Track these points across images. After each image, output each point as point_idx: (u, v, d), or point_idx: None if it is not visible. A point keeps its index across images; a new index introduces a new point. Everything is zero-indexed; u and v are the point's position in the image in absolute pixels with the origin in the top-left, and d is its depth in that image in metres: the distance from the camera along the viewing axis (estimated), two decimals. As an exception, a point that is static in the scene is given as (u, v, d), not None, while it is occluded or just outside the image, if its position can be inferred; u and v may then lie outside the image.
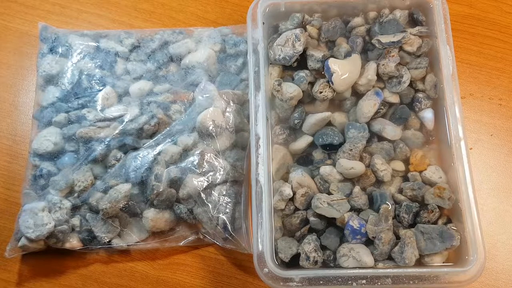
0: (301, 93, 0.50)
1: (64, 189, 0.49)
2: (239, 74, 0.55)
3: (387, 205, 0.46)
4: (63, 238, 0.48)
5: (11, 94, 0.57)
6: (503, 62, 0.58)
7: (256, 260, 0.44)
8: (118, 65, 0.54)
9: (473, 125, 0.56)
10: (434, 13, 0.51)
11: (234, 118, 0.51)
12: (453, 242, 0.45)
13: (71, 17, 0.59)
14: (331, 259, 0.46)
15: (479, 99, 0.57)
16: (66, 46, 0.54)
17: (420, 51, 0.52)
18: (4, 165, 0.54)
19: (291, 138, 0.51)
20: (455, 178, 0.47)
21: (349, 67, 0.49)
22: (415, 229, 0.46)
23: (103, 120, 0.51)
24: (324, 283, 0.44)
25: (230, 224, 0.49)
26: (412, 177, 0.49)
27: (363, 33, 0.52)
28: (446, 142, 0.49)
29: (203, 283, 0.50)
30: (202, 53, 0.54)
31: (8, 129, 0.55)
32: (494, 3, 0.60)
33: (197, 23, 0.59)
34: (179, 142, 0.50)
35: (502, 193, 0.54)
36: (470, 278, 0.44)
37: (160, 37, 0.55)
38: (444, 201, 0.46)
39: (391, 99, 0.51)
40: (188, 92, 0.53)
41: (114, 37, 0.55)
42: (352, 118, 0.51)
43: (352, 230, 0.45)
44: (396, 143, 0.50)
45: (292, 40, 0.50)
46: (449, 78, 0.49)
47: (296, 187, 0.48)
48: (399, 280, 0.44)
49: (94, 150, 0.49)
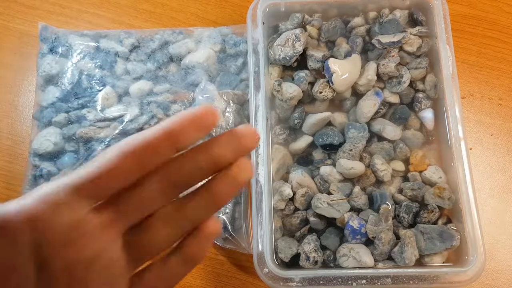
0: (301, 93, 0.50)
1: (64, 189, 0.49)
2: (239, 74, 0.55)
3: (387, 205, 0.46)
4: (63, 238, 0.48)
5: (11, 94, 0.57)
6: (503, 62, 0.58)
7: (256, 260, 0.44)
8: (118, 65, 0.54)
9: (473, 125, 0.56)
10: (434, 13, 0.51)
11: (234, 118, 0.51)
12: (453, 242, 0.45)
13: (71, 17, 0.59)
14: (331, 259, 0.46)
15: (479, 99, 0.57)
16: (66, 46, 0.54)
17: (420, 51, 0.52)
18: (4, 165, 0.54)
19: (291, 138, 0.51)
20: (455, 178, 0.47)
21: (349, 67, 0.49)
22: (415, 229, 0.46)
23: (103, 120, 0.51)
24: (324, 283, 0.44)
25: (230, 224, 0.49)
26: (412, 177, 0.49)
27: (363, 33, 0.52)
28: (446, 142, 0.49)
29: (203, 283, 0.50)
30: (202, 53, 0.54)
31: (8, 129, 0.55)
32: (494, 3, 0.60)
33: (197, 23, 0.59)
34: (179, 142, 0.50)
35: (502, 193, 0.54)
36: (470, 278, 0.44)
37: (160, 37, 0.55)
38: (444, 201, 0.46)
39: (391, 99, 0.51)
40: (188, 92, 0.53)
41: (114, 37, 0.55)
42: (352, 118, 0.51)
43: (352, 230, 0.45)
44: (396, 143, 0.50)
45: (292, 40, 0.50)
46: (449, 78, 0.49)
47: (296, 187, 0.48)
48: (399, 280, 0.44)
49: (94, 150, 0.49)
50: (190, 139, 0.29)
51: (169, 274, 0.31)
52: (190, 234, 0.31)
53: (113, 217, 0.29)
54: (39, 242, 0.27)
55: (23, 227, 0.27)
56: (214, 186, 0.30)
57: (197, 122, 0.28)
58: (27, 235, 0.27)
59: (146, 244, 0.30)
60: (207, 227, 0.31)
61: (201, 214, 0.31)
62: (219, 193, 0.30)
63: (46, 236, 0.27)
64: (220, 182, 0.30)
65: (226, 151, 0.29)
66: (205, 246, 0.31)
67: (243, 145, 0.30)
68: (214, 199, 0.30)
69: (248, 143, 0.30)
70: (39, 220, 0.27)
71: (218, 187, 0.30)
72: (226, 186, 0.30)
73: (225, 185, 0.30)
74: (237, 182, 0.30)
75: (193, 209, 0.30)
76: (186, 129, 0.28)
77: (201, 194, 0.30)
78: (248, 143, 0.30)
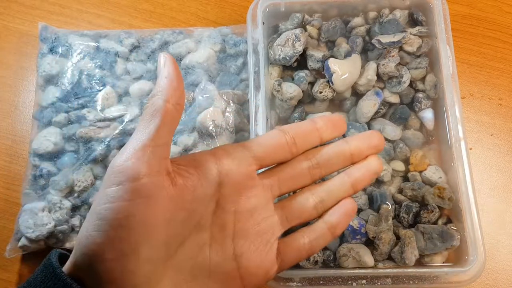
0: (301, 93, 0.50)
1: (64, 189, 0.49)
2: (239, 74, 0.55)
3: (387, 205, 0.46)
4: (63, 238, 0.48)
5: (11, 94, 0.57)
6: (503, 62, 0.58)
7: (256, 260, 0.44)
8: (118, 65, 0.54)
9: (473, 125, 0.56)
10: (434, 13, 0.51)
11: (234, 118, 0.51)
12: (453, 242, 0.45)
13: (71, 17, 0.59)
14: (331, 259, 0.46)
15: (479, 99, 0.57)
16: (66, 46, 0.54)
17: (420, 51, 0.52)
18: (4, 165, 0.54)
19: (291, 138, 0.51)
20: (455, 178, 0.47)
21: (349, 67, 0.49)
22: (415, 229, 0.46)
23: (103, 120, 0.51)
24: (324, 283, 0.44)
25: (230, 224, 0.49)
26: (412, 177, 0.49)
27: (363, 33, 0.52)
28: (446, 142, 0.49)
29: (203, 283, 0.50)
30: (202, 53, 0.54)
31: (8, 129, 0.55)
32: (494, 3, 0.60)
33: (197, 23, 0.59)
34: (179, 142, 0.50)
35: (502, 193, 0.54)
36: (470, 278, 0.44)
37: (160, 37, 0.55)
38: (444, 201, 0.46)
39: (391, 99, 0.51)
40: (188, 92, 0.53)
41: (114, 37, 0.55)
42: (352, 118, 0.51)
43: (352, 230, 0.45)
44: (396, 143, 0.50)
45: (292, 40, 0.50)
46: (449, 78, 0.49)
47: (296, 187, 0.48)
48: (399, 280, 0.44)
49: (94, 150, 0.49)
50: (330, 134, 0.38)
51: (315, 236, 0.37)
52: (332, 208, 0.37)
53: (272, 183, 0.36)
54: (221, 181, 0.34)
55: (212, 166, 0.34)
56: (353, 172, 0.37)
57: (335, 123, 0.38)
58: (214, 172, 0.34)
59: (296, 208, 0.37)
60: (346, 203, 0.37)
61: (341, 193, 0.37)
62: (356, 178, 0.37)
63: (227, 178, 0.34)
64: (357, 169, 0.38)
65: (362, 144, 0.37)
66: (344, 219, 0.37)
67: (374, 142, 0.38)
68: (352, 182, 0.37)
69: (377, 142, 0.38)
70: (225, 164, 0.34)
71: (356, 173, 0.37)
72: (361, 173, 0.37)
73: (361, 171, 0.37)
74: (371, 171, 0.37)
75: (335, 187, 0.37)
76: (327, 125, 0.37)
77: (342, 177, 0.38)
78: (377, 142, 0.38)
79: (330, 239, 0.38)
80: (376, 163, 0.38)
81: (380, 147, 0.38)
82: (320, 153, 0.37)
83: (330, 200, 0.37)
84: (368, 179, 0.38)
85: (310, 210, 0.37)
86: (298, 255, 0.37)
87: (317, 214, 0.37)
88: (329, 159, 0.37)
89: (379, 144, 0.38)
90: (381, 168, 0.38)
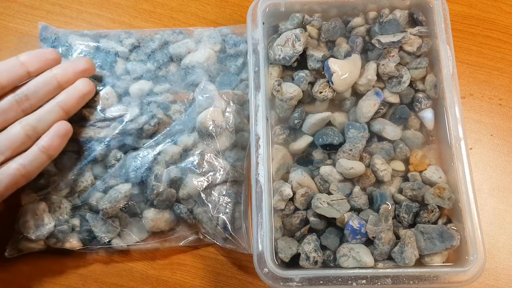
0: (301, 93, 0.50)
1: (64, 189, 0.49)
2: (239, 74, 0.55)
3: (387, 205, 0.46)
4: (63, 238, 0.48)
5: (11, 94, 0.57)
6: (503, 62, 0.58)
7: (256, 260, 0.44)
8: (118, 65, 0.54)
9: (473, 125, 0.56)
10: (434, 13, 0.51)
11: (234, 118, 0.51)
12: (453, 242, 0.45)
13: (71, 17, 0.59)
14: (331, 259, 0.46)
15: (479, 99, 0.57)
16: (66, 46, 0.54)
17: (420, 51, 0.52)
18: (4, 165, 0.54)
19: (291, 138, 0.51)
20: (455, 178, 0.47)
21: (349, 67, 0.49)
22: (415, 229, 0.46)
23: (103, 120, 0.51)
24: (324, 283, 0.44)
25: (230, 224, 0.49)
26: (412, 177, 0.49)
27: (363, 33, 0.52)
28: (446, 142, 0.49)
29: (203, 283, 0.50)
30: (202, 53, 0.54)
31: (8, 129, 0.55)
32: (494, 3, 0.60)
33: (197, 23, 0.59)
34: (179, 142, 0.50)
35: (502, 193, 0.54)
36: (470, 278, 0.44)
37: (160, 37, 0.55)
38: (444, 201, 0.46)
39: (391, 99, 0.51)
40: (188, 92, 0.53)
41: (114, 37, 0.55)
42: (352, 118, 0.51)
43: (352, 230, 0.45)
44: (396, 143, 0.50)
45: (292, 40, 0.50)
46: (449, 78, 0.49)
47: (296, 187, 0.48)
48: (399, 280, 0.44)
49: (94, 150, 0.49)
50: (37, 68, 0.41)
51: (28, 160, 0.41)
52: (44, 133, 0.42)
53: None
54: None
55: None
56: (61, 96, 0.41)
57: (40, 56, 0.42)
58: None
59: (4, 139, 0.40)
60: (57, 125, 0.42)
61: (53, 117, 0.42)
62: (65, 101, 0.42)
63: None
64: (65, 93, 0.42)
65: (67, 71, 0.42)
66: (57, 140, 0.42)
67: (80, 67, 0.42)
68: (61, 105, 0.41)
69: (84, 66, 0.42)
70: None
71: (63, 96, 0.42)
72: (69, 95, 0.42)
73: (68, 94, 0.42)
74: (78, 91, 0.41)
75: (46, 113, 0.41)
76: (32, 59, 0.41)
77: (51, 103, 0.42)
78: (84, 66, 0.42)
79: (46, 161, 0.42)
80: (83, 83, 0.42)
81: (90, 70, 0.42)
82: (27, 86, 0.41)
83: (42, 126, 0.41)
84: (77, 100, 0.42)
85: (22, 138, 0.40)
86: (14, 179, 0.41)
87: (32, 141, 0.41)
88: (36, 90, 0.41)
89: (87, 68, 0.43)
90: (90, 88, 0.42)
